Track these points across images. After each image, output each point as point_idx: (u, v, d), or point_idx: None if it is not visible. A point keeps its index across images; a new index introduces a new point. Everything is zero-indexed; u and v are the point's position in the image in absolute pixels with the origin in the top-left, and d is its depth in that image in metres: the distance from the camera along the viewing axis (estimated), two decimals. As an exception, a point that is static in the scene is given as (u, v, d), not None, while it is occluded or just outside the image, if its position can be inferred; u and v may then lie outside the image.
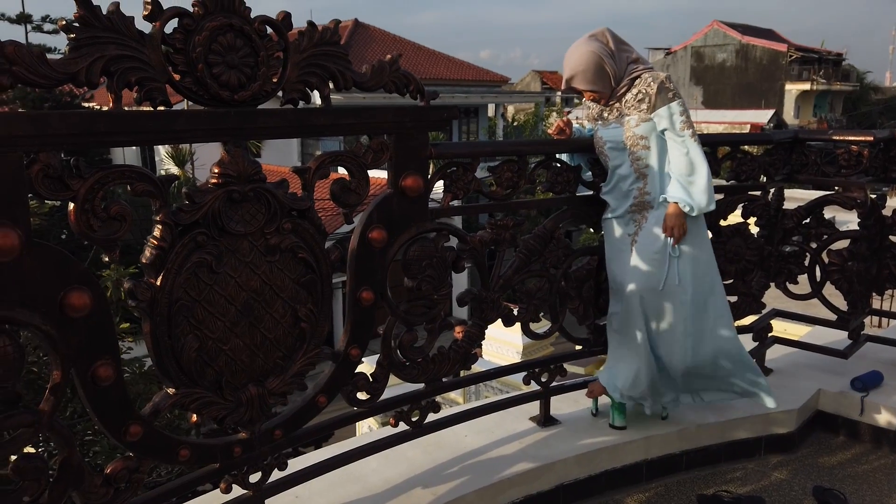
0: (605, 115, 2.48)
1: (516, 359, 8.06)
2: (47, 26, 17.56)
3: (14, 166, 1.25)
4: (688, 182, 2.36)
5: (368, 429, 6.47)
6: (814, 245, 3.11)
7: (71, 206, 1.36)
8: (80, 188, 1.36)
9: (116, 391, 1.45)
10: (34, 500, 1.35)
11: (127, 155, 21.45)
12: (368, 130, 1.91)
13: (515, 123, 30.23)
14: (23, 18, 17.25)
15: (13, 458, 1.35)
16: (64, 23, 1.31)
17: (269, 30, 1.61)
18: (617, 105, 2.45)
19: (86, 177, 1.36)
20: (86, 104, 19.41)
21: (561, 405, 2.76)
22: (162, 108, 1.46)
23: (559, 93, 42.60)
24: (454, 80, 26.97)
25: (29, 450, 1.45)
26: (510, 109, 34.80)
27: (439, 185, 2.12)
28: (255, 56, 1.57)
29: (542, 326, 2.76)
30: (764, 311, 3.16)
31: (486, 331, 2.34)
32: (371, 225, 1.93)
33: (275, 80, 1.64)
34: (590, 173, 2.58)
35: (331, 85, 1.76)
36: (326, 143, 20.74)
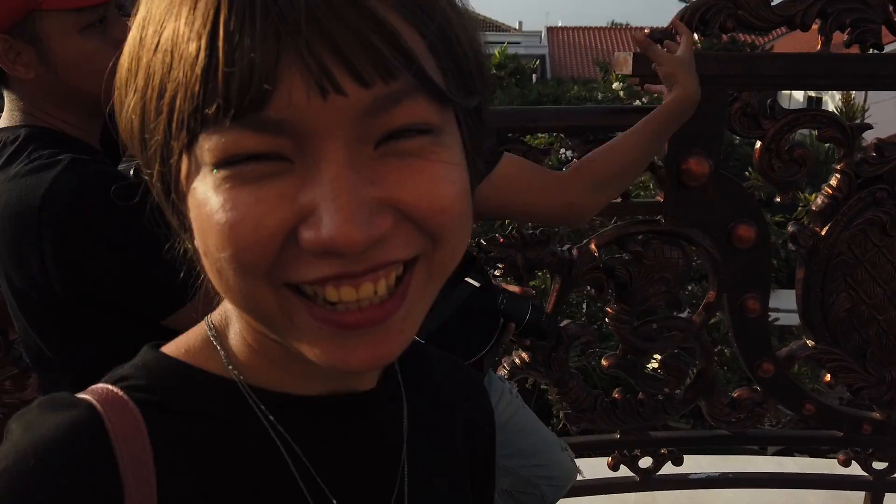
0: None
1: None
2: None
3: (719, 103, 1.39)
4: None
5: None
6: None
7: (758, 144, 1.44)
8: (770, 128, 1.42)
9: (759, 326, 1.51)
10: (670, 394, 1.56)
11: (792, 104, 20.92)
12: None
13: None
14: None
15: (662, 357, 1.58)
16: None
17: None
18: None
19: (778, 118, 1.42)
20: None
21: None
22: (873, 51, 1.38)
23: None
24: None
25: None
26: None
27: None
28: None
29: None
30: None
31: None
32: None
33: None
34: None
35: None
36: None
